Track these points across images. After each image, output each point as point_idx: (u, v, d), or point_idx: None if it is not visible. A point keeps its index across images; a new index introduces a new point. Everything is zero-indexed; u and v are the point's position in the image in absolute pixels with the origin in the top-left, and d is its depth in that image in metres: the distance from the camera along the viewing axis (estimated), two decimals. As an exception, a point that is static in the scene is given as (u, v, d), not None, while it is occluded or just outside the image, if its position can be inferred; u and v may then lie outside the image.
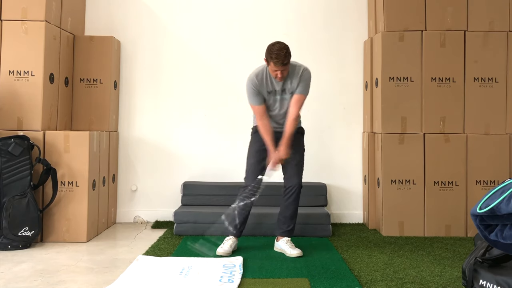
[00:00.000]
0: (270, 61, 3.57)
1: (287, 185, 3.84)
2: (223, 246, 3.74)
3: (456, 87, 4.52)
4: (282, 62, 3.53)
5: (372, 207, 4.73)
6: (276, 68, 3.57)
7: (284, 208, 3.86)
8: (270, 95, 3.75)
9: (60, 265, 3.44)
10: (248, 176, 3.82)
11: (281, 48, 3.55)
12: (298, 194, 3.84)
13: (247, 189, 3.76)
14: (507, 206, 2.04)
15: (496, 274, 2.32)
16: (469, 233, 4.41)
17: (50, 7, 4.23)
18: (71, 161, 4.09)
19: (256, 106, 3.74)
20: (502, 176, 4.39)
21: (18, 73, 4.14)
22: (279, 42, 3.61)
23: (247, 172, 3.84)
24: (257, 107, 3.74)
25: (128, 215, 5.04)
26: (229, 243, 3.76)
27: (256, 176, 3.77)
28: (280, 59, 3.52)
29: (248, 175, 3.83)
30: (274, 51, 3.54)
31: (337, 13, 5.10)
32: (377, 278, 3.14)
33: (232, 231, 3.82)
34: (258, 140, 3.84)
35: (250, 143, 3.92)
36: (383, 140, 4.48)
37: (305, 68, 3.74)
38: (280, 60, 3.52)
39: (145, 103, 5.09)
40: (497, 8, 4.54)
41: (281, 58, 3.52)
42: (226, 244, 3.75)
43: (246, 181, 3.82)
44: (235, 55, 5.10)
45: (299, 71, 3.70)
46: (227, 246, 3.74)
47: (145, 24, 5.10)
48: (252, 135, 3.93)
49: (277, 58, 3.52)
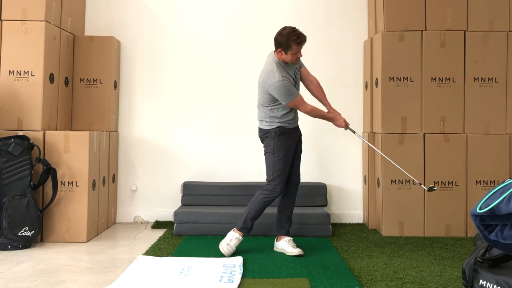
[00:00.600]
0: (293, 44, 3.58)
1: (292, 182, 3.85)
2: (230, 244, 3.71)
3: (456, 87, 4.52)
4: (304, 39, 3.61)
5: (372, 207, 4.73)
6: (298, 49, 3.62)
7: (286, 206, 3.87)
8: (296, 84, 3.78)
9: (60, 265, 3.44)
10: (278, 181, 3.72)
11: (294, 29, 3.62)
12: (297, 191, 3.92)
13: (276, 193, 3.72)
14: (507, 206, 2.04)
15: (496, 274, 2.32)
16: (469, 233, 4.41)
17: (50, 7, 4.23)
18: (71, 161, 4.09)
19: (298, 97, 3.68)
20: (502, 176, 4.39)
21: (18, 73, 4.14)
22: (285, 27, 3.65)
23: (277, 177, 3.72)
24: (298, 97, 3.69)
25: (128, 215, 5.03)
26: (235, 243, 3.74)
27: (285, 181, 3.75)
28: (301, 37, 3.59)
29: (277, 180, 3.72)
30: (291, 33, 3.58)
31: (337, 13, 5.10)
32: (377, 278, 3.14)
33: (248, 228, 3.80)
34: (283, 142, 3.74)
35: (275, 147, 3.73)
36: (383, 140, 4.48)
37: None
38: (302, 37, 3.59)
39: (145, 103, 5.09)
40: (497, 8, 4.54)
41: (302, 36, 3.60)
42: (232, 244, 3.72)
43: (273, 186, 3.72)
44: (235, 55, 5.10)
45: None
46: (233, 246, 3.72)
47: (145, 24, 5.10)
48: (275, 138, 3.74)
49: (299, 37, 3.58)
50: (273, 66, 3.66)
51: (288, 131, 3.76)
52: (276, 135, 3.74)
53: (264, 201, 3.74)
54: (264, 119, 3.78)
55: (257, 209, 3.75)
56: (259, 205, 3.74)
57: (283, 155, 3.73)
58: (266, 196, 3.73)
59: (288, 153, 3.77)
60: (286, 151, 3.75)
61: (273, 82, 3.60)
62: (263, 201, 3.74)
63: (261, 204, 3.74)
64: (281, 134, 3.74)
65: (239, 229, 3.76)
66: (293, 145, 3.81)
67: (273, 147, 3.74)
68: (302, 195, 4.38)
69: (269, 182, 3.74)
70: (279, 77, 3.60)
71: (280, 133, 3.74)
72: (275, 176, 3.72)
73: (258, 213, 3.77)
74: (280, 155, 3.73)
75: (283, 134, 3.75)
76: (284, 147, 3.74)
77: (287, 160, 3.76)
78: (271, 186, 3.73)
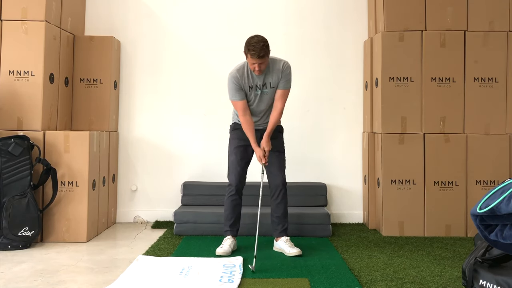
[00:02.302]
0: (248, 53, 3.59)
1: (272, 185, 3.84)
2: (223, 246, 3.74)
3: (456, 87, 4.52)
4: (258, 55, 3.54)
5: (372, 207, 4.73)
6: (253, 61, 3.58)
7: (275, 208, 3.86)
8: (251, 90, 3.75)
9: (60, 265, 3.44)
10: (231, 174, 3.83)
11: (259, 41, 3.58)
12: (285, 192, 3.85)
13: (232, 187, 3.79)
14: (507, 206, 2.04)
15: (496, 274, 2.32)
16: (469, 233, 4.41)
17: (50, 7, 4.23)
18: (71, 161, 4.09)
19: (238, 102, 3.73)
20: (502, 176, 4.39)
21: (18, 73, 4.14)
22: (257, 36, 3.64)
23: (229, 170, 3.85)
24: (239, 102, 3.73)
25: (128, 215, 5.03)
26: (228, 243, 3.76)
27: (238, 173, 3.80)
28: (256, 51, 3.54)
29: (230, 173, 3.84)
30: (251, 43, 3.57)
31: (337, 13, 5.10)
32: (377, 278, 3.14)
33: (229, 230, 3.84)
34: (237, 136, 3.86)
35: (230, 141, 3.92)
36: (383, 140, 4.48)
37: (285, 62, 3.76)
38: (256, 52, 3.54)
39: (145, 103, 5.09)
40: (497, 8, 4.54)
41: (257, 51, 3.53)
42: (225, 244, 3.76)
43: (229, 179, 3.84)
44: (235, 55, 5.07)
45: (280, 66, 3.72)
46: (226, 246, 3.74)
47: (145, 24, 5.10)
48: (231, 132, 3.94)
49: (254, 50, 3.54)
50: (243, 62, 3.76)
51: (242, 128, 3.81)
52: (231, 129, 3.92)
53: (227, 198, 3.83)
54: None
55: (226, 209, 3.84)
56: (226, 203, 3.84)
57: (232, 149, 3.85)
58: (226, 192, 3.83)
59: (241, 148, 3.82)
60: (237, 145, 3.83)
61: (228, 73, 3.76)
62: (226, 199, 3.84)
63: (227, 202, 3.83)
64: (235, 129, 3.89)
65: (223, 232, 3.89)
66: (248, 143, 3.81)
67: (228, 142, 3.92)
68: (302, 195, 4.38)
69: (227, 177, 3.86)
70: (232, 72, 3.73)
71: (234, 128, 3.90)
72: (228, 169, 3.85)
73: (229, 212, 3.83)
74: (231, 148, 3.87)
75: (236, 130, 3.87)
76: (236, 141, 3.85)
77: (238, 155, 3.82)
78: (228, 180, 3.84)
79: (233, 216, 3.84)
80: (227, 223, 3.84)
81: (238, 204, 3.84)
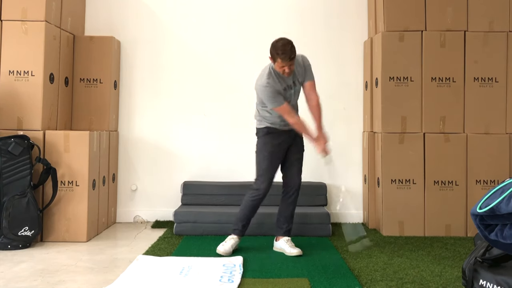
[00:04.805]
0: (277, 57, 3.57)
1: (289, 184, 3.85)
2: (225, 245, 3.74)
3: (456, 87, 4.52)
4: (289, 57, 3.55)
5: (372, 207, 4.73)
6: (283, 64, 3.58)
7: (285, 207, 3.87)
8: (286, 92, 3.73)
9: (60, 265, 3.44)
10: (262, 180, 3.73)
11: (286, 43, 3.58)
12: (298, 195, 3.88)
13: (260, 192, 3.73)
14: (507, 206, 2.04)
15: (496, 274, 2.32)
16: (469, 233, 4.41)
17: (50, 7, 4.23)
18: (71, 161, 4.09)
19: (282, 106, 3.66)
20: (502, 176, 4.39)
21: (18, 73, 4.14)
22: (282, 38, 3.64)
23: (261, 176, 3.75)
24: (283, 106, 3.66)
25: (128, 215, 5.03)
26: (231, 243, 3.75)
27: (270, 180, 3.74)
28: (287, 54, 3.54)
29: (262, 179, 3.74)
30: (279, 47, 3.56)
31: (337, 13, 5.10)
32: (377, 278, 3.14)
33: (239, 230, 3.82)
34: (269, 141, 3.77)
35: (261, 146, 3.80)
36: (383, 139, 4.48)
37: (302, 55, 3.78)
38: (287, 55, 3.54)
39: (145, 103, 5.09)
40: (497, 8, 4.54)
41: (288, 53, 3.55)
42: (228, 244, 3.75)
43: (258, 184, 3.75)
44: (235, 55, 5.10)
45: (299, 60, 3.74)
46: (228, 246, 3.73)
47: (145, 24, 5.10)
48: (262, 137, 3.81)
49: (284, 53, 3.54)
50: (266, 70, 3.70)
51: (275, 131, 3.78)
52: (263, 134, 3.81)
53: (250, 200, 3.77)
54: (257, 118, 3.86)
55: (246, 210, 3.79)
56: (247, 205, 3.78)
57: (267, 154, 3.76)
58: (251, 195, 3.77)
59: (275, 153, 3.77)
60: (271, 150, 3.76)
61: (258, 85, 3.68)
62: (249, 201, 3.77)
63: (248, 203, 3.77)
64: (268, 133, 3.79)
65: (232, 230, 3.82)
66: (282, 146, 3.80)
67: (259, 146, 3.81)
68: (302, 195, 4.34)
69: (255, 181, 3.78)
70: (264, 82, 3.64)
71: (267, 132, 3.79)
72: (259, 175, 3.76)
73: (247, 213, 3.79)
74: (265, 153, 3.77)
75: (269, 134, 3.79)
76: (269, 146, 3.77)
77: (273, 160, 3.76)
78: (256, 185, 3.77)
79: (249, 218, 3.81)
80: (240, 223, 3.80)
81: (257, 208, 3.83)
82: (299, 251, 3.71)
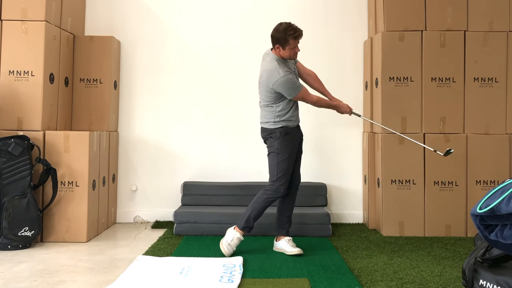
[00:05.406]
0: (290, 39, 3.60)
1: (293, 182, 3.86)
2: (231, 244, 3.70)
3: (456, 87, 4.52)
4: (301, 33, 3.63)
5: (372, 207, 4.73)
6: (296, 44, 3.65)
7: (287, 206, 3.87)
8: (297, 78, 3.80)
9: (60, 265, 3.44)
10: (283, 181, 3.71)
11: (289, 24, 3.64)
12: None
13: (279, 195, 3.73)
14: (507, 206, 2.04)
15: (496, 274, 2.32)
16: (469, 233, 4.41)
17: (50, 7, 4.23)
18: (71, 161, 4.09)
19: (303, 89, 3.69)
20: (502, 176, 4.39)
21: (18, 73, 4.14)
22: (280, 23, 3.67)
23: (281, 178, 3.71)
24: (303, 89, 3.70)
25: (128, 215, 5.03)
26: (235, 243, 3.72)
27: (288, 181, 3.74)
28: (297, 30, 3.62)
29: (281, 180, 3.70)
30: (287, 28, 3.60)
31: (337, 13, 5.10)
32: (377, 278, 3.14)
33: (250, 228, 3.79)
34: (289, 143, 3.74)
35: (280, 147, 3.72)
36: (383, 140, 4.48)
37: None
38: (298, 32, 3.61)
39: (145, 103, 5.09)
40: (497, 8, 4.54)
41: (299, 30, 3.62)
42: (233, 244, 3.71)
43: (276, 186, 3.70)
44: (235, 55, 5.10)
45: None
46: (233, 247, 3.71)
47: (145, 24, 5.10)
48: (282, 137, 3.72)
49: (295, 31, 3.61)
50: (274, 63, 3.66)
51: (292, 131, 3.76)
52: (281, 135, 3.72)
53: (267, 201, 3.74)
54: (269, 119, 3.76)
55: (260, 209, 3.75)
56: (262, 205, 3.74)
57: (287, 155, 3.73)
58: (269, 196, 3.73)
59: (293, 153, 3.77)
60: (291, 151, 3.75)
61: (277, 79, 3.60)
62: (266, 201, 3.73)
63: (264, 204, 3.74)
64: (286, 134, 3.73)
65: (241, 228, 3.74)
66: (296, 145, 3.82)
67: (278, 147, 3.72)
68: (302, 195, 4.36)
69: (273, 183, 3.73)
70: (283, 73, 3.60)
71: (285, 133, 3.73)
72: (279, 176, 3.71)
73: (260, 212, 3.77)
74: (285, 155, 3.72)
75: (288, 134, 3.74)
76: (289, 147, 3.74)
77: (291, 161, 3.76)
78: (275, 186, 3.72)
79: (260, 217, 3.80)
80: (253, 221, 3.74)
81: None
82: (300, 251, 3.72)
